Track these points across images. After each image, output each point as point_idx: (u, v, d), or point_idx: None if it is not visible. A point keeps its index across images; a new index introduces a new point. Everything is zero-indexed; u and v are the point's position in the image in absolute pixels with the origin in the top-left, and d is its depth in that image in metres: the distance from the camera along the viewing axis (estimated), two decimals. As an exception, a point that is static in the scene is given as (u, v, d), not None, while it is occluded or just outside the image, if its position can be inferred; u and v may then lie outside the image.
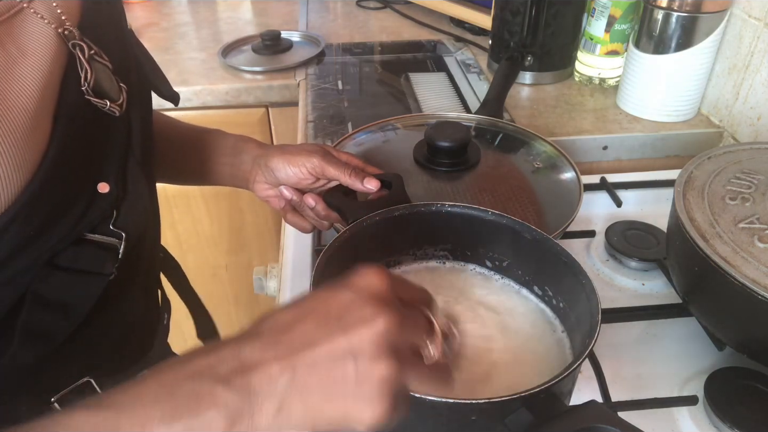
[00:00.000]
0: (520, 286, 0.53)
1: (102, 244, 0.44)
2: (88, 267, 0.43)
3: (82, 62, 0.41)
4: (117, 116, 0.45)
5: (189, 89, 1.11)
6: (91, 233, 0.43)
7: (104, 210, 0.44)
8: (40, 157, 0.38)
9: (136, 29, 1.47)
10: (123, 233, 0.45)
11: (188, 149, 0.66)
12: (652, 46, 0.93)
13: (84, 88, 0.41)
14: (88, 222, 0.42)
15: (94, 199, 0.43)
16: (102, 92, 0.43)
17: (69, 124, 0.40)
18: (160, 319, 0.63)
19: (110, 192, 0.44)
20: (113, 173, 0.44)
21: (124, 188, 0.46)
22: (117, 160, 0.45)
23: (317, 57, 1.20)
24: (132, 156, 0.47)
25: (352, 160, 0.61)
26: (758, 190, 0.56)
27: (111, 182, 0.44)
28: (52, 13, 0.41)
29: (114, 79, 0.45)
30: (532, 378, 0.45)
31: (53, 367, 0.45)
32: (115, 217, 0.45)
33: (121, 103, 0.45)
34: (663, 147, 0.96)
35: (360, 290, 0.34)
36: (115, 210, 0.45)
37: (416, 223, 0.53)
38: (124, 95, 0.45)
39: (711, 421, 0.53)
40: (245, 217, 1.30)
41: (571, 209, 0.63)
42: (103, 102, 0.43)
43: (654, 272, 0.70)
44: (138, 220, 0.47)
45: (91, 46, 0.42)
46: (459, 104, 1.02)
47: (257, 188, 0.64)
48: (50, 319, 0.42)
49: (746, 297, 0.48)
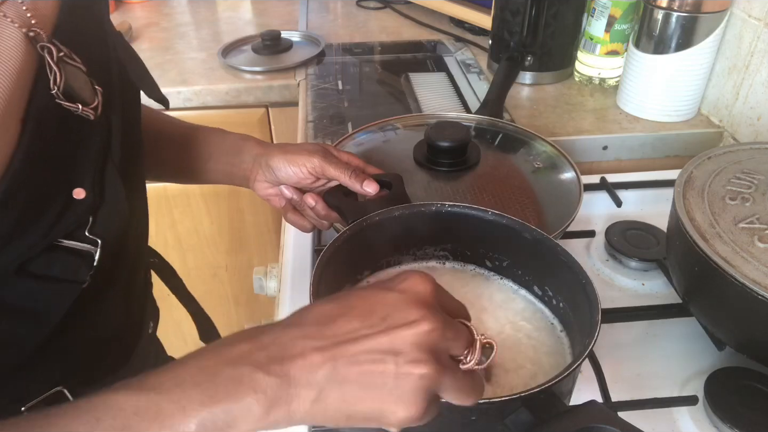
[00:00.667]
0: (520, 286, 0.53)
1: (76, 251, 0.43)
2: (61, 274, 0.42)
3: (51, 65, 0.40)
4: (93, 120, 0.43)
5: (189, 89, 1.11)
6: (65, 239, 0.42)
7: (79, 216, 0.42)
8: (7, 161, 0.37)
9: (136, 29, 1.47)
10: (99, 240, 0.44)
11: (188, 148, 0.66)
12: (652, 46, 0.93)
13: (54, 92, 0.40)
14: (61, 228, 0.41)
15: (69, 205, 0.41)
16: (74, 95, 0.41)
17: (38, 128, 0.39)
18: (143, 328, 0.60)
19: (86, 198, 0.42)
20: (90, 179, 0.43)
21: (102, 194, 0.44)
22: (94, 165, 0.44)
23: (317, 57, 1.20)
24: (111, 161, 0.45)
25: (353, 160, 0.61)
26: (758, 190, 0.56)
27: (87, 188, 0.42)
28: (20, 16, 0.39)
29: (89, 82, 0.43)
30: (532, 378, 0.45)
31: (23, 376, 0.45)
32: (92, 224, 0.43)
33: (95, 107, 0.43)
34: (663, 147, 0.96)
35: (405, 292, 0.34)
36: (92, 216, 0.43)
37: (416, 223, 0.53)
38: (100, 98, 0.44)
39: (711, 421, 0.53)
40: (245, 217, 1.30)
41: (571, 209, 0.63)
42: (75, 105, 0.41)
43: (654, 272, 0.70)
44: (116, 227, 0.46)
45: (61, 49, 0.41)
46: (459, 104, 1.02)
47: (258, 187, 0.64)
48: (19, 328, 0.41)
49: (746, 297, 0.48)
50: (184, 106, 1.13)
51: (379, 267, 0.55)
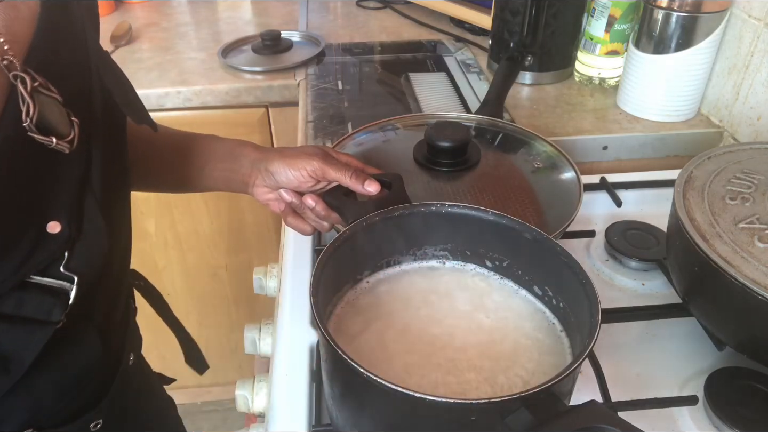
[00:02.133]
0: (520, 286, 0.53)
1: (50, 289, 0.40)
2: (33, 314, 0.40)
3: (24, 96, 0.37)
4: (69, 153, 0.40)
5: (189, 89, 1.11)
6: (39, 276, 0.40)
7: (53, 252, 0.40)
8: None
9: (136, 29, 1.47)
10: (75, 276, 0.42)
11: (182, 156, 0.64)
12: (652, 46, 0.93)
13: (26, 124, 0.37)
14: (34, 265, 0.39)
15: (42, 240, 0.39)
16: (49, 128, 0.39)
17: (8, 162, 0.37)
18: (121, 362, 0.56)
19: (62, 232, 0.40)
20: (66, 212, 0.41)
21: (79, 228, 0.42)
22: (71, 198, 0.41)
23: (317, 57, 1.20)
24: (91, 193, 0.43)
25: (352, 161, 0.61)
26: (758, 190, 0.56)
27: (63, 221, 0.40)
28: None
29: (65, 113, 0.40)
30: (532, 378, 0.45)
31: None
32: (67, 259, 0.41)
33: (71, 139, 0.40)
34: (663, 147, 0.96)
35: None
36: (68, 251, 0.41)
37: (416, 223, 0.53)
38: (76, 130, 0.41)
39: (711, 421, 0.53)
40: (245, 217, 1.30)
41: (571, 209, 0.63)
42: (49, 139, 0.39)
43: (654, 272, 0.70)
44: (94, 262, 0.44)
45: (35, 78, 0.38)
46: (459, 104, 1.02)
47: (257, 192, 0.63)
48: None
49: (746, 297, 0.48)
50: (184, 106, 1.13)
51: (379, 267, 0.55)
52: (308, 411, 0.55)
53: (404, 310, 0.51)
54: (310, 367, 0.59)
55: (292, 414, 0.55)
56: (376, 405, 0.41)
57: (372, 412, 0.42)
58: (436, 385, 0.44)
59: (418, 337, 0.48)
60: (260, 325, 0.71)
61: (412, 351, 0.47)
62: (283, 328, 0.64)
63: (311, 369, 0.59)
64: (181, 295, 1.41)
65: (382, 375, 0.36)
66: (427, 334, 0.49)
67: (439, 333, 0.49)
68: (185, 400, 1.66)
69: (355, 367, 0.37)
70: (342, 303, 0.51)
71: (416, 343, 0.48)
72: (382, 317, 0.50)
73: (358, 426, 0.44)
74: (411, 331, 0.49)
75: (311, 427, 0.53)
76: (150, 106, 1.12)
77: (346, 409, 0.45)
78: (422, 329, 0.49)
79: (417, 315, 0.50)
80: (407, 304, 0.52)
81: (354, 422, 0.44)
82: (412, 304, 0.52)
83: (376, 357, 0.47)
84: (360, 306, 0.51)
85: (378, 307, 0.51)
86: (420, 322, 0.50)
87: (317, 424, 0.54)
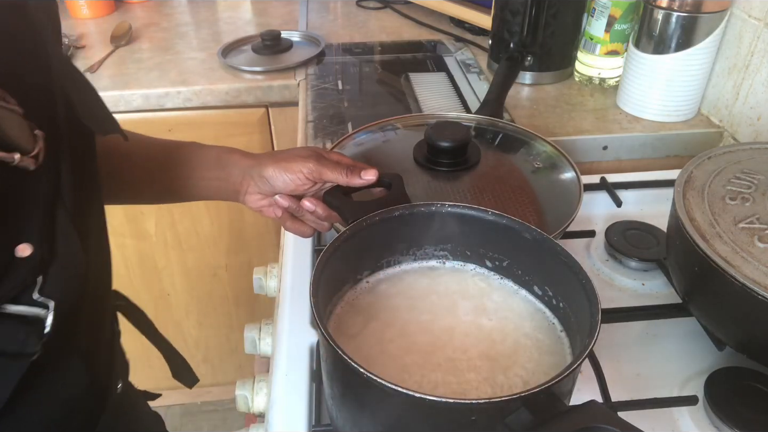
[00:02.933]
0: (520, 286, 0.53)
1: (23, 318, 0.37)
2: (5, 347, 0.36)
3: None
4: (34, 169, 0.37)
5: (189, 89, 1.11)
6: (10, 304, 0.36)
7: (25, 277, 0.37)
8: None
9: (136, 29, 1.47)
10: (51, 302, 0.38)
11: (163, 167, 0.61)
12: (652, 46, 0.93)
13: None
14: (4, 293, 0.36)
15: (11, 265, 0.36)
16: (10, 144, 0.35)
17: None
18: (110, 392, 0.53)
19: (33, 255, 0.37)
20: (36, 233, 0.37)
21: (52, 249, 0.38)
22: (41, 218, 0.38)
23: (317, 57, 1.20)
24: (62, 210, 0.39)
25: (343, 159, 0.60)
26: (758, 190, 0.56)
27: (35, 243, 0.37)
28: None
29: (26, 126, 0.37)
30: (532, 378, 0.45)
31: None
32: (42, 284, 0.38)
33: (36, 154, 0.37)
34: (663, 147, 0.96)
35: None
36: (42, 275, 0.38)
37: (416, 223, 0.53)
38: (41, 144, 0.37)
39: (711, 421, 0.53)
40: (245, 217, 1.30)
41: (571, 209, 0.63)
42: (11, 156, 0.35)
43: (654, 272, 0.70)
44: (71, 285, 0.40)
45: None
46: (459, 104, 1.02)
47: (249, 200, 0.61)
48: None
49: (746, 297, 0.48)
50: (184, 106, 1.13)
51: (379, 267, 0.55)
52: (308, 411, 0.55)
53: (404, 310, 0.51)
54: (310, 367, 0.59)
55: (292, 414, 0.55)
56: (376, 405, 0.41)
57: (372, 412, 0.42)
58: (436, 385, 0.44)
59: (418, 337, 0.48)
60: (260, 325, 0.71)
61: (412, 351, 0.47)
62: (283, 328, 0.64)
63: (311, 369, 0.59)
64: (181, 295, 1.41)
65: (382, 375, 0.36)
66: (427, 334, 0.49)
67: (439, 333, 0.49)
68: (185, 400, 1.66)
69: (355, 367, 0.37)
70: (342, 303, 0.51)
71: (416, 343, 0.48)
72: (382, 317, 0.50)
73: (358, 426, 0.44)
74: (411, 331, 0.49)
75: (311, 427, 0.53)
76: (150, 106, 1.12)
77: (346, 409, 0.45)
78: (422, 329, 0.49)
79: (417, 315, 0.50)
80: (407, 304, 0.52)
81: (354, 422, 0.44)
82: (412, 304, 0.52)
83: (376, 357, 0.47)
84: (360, 306, 0.51)
85: (378, 307, 0.51)
86: (420, 322, 0.50)
87: (317, 424, 0.54)
